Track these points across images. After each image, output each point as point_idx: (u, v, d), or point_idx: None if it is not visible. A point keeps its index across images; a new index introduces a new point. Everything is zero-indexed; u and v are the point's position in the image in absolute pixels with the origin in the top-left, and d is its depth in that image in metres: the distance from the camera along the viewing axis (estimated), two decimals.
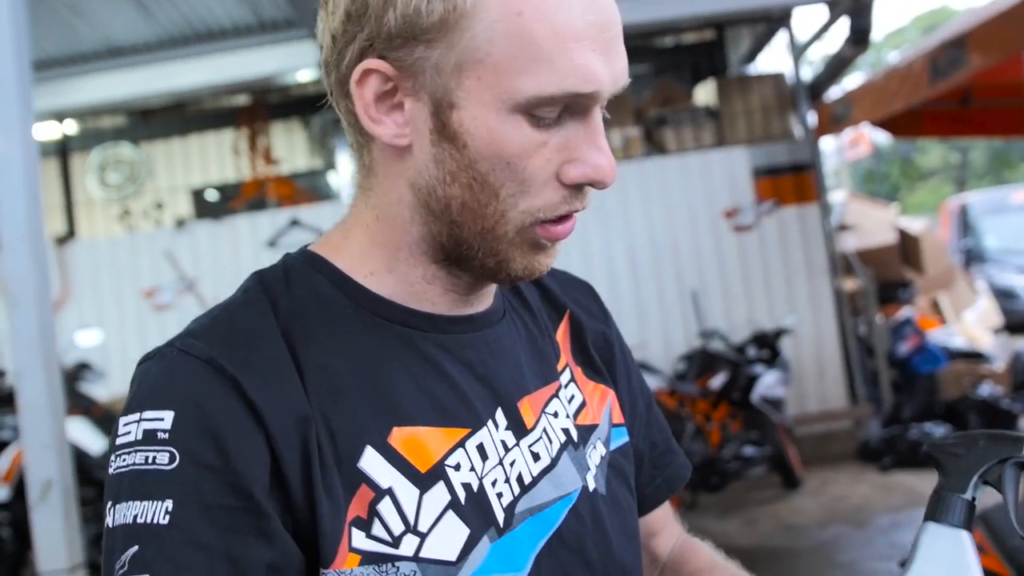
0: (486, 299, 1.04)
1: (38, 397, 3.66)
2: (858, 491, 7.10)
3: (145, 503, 0.80)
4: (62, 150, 10.28)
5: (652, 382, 6.91)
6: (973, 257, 17.18)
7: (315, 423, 0.86)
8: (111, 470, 0.84)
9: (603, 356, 1.18)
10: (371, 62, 0.89)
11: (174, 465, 0.81)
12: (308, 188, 10.35)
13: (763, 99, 8.72)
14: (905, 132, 8.12)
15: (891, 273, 10.44)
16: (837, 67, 8.49)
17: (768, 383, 7.32)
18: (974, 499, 0.89)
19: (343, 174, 9.96)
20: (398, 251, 0.97)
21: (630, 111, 8.68)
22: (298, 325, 0.91)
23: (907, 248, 11.17)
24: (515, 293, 1.11)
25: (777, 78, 8.85)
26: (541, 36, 0.83)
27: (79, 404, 6.43)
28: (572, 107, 0.88)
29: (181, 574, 0.78)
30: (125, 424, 0.84)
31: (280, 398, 0.85)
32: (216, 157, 11.26)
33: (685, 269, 8.31)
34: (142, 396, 0.85)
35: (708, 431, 7.08)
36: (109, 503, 0.83)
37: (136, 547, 0.79)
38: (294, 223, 8.46)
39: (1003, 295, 14.93)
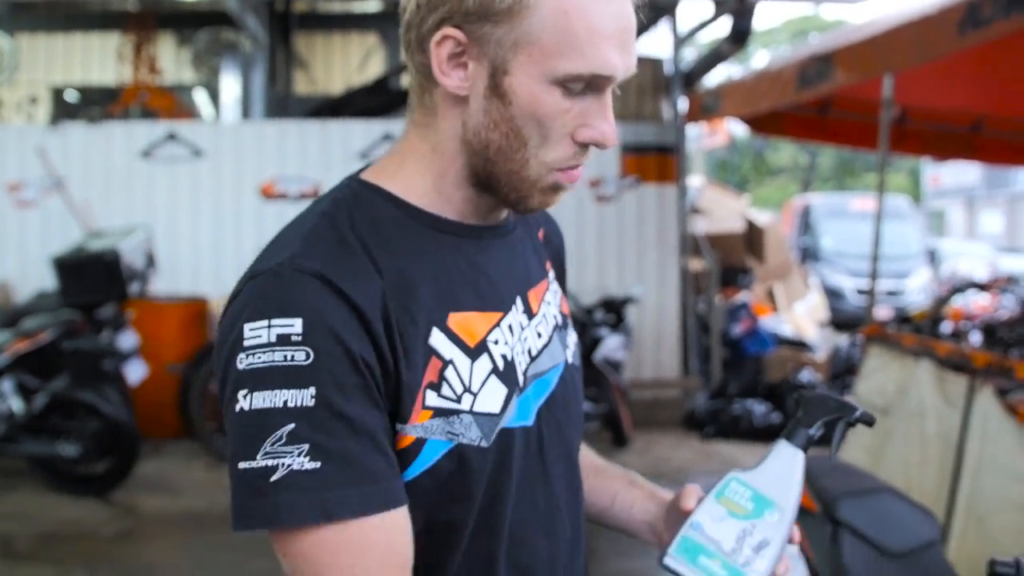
0: (503, 212, 1.30)
1: None
2: (680, 455, 7.65)
3: (292, 391, 1.03)
4: None
5: None
6: (809, 255, 18.08)
7: (395, 314, 1.11)
8: (242, 366, 1.05)
9: (560, 270, 1.50)
10: (449, 30, 1.14)
11: (310, 360, 1.04)
12: (188, 103, 10.29)
13: (640, 80, 9.13)
14: (765, 130, 8.62)
15: (734, 259, 11.01)
16: (713, 61, 8.97)
17: (611, 346, 7.78)
18: (814, 436, 1.28)
19: (226, 94, 9.95)
20: (445, 176, 1.21)
21: None
22: (371, 238, 1.15)
23: (752, 238, 11.78)
24: None
25: (655, 63, 9.29)
26: (579, 31, 1.10)
27: None
28: (592, 85, 1.13)
29: (328, 437, 1.03)
30: (253, 329, 1.06)
31: (371, 298, 1.09)
32: (99, 59, 11.06)
33: None
34: (265, 306, 1.07)
35: None
36: (244, 391, 1.04)
37: (292, 424, 1.02)
38: (171, 136, 8.47)
39: (832, 293, 15.85)
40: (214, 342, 1.15)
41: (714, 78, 9.46)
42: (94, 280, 6.38)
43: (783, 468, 1.25)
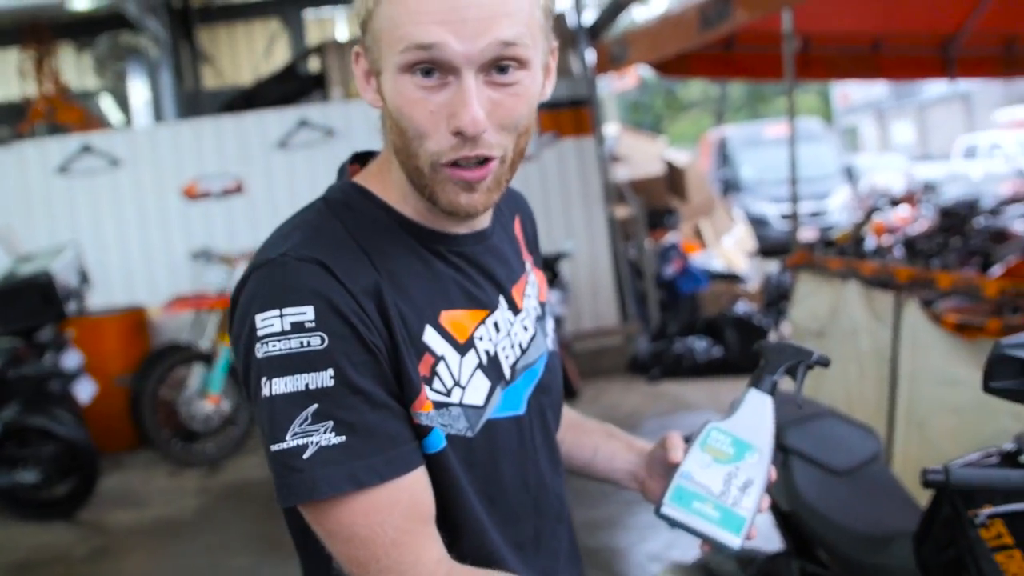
0: (485, 219, 1.36)
1: None
2: (629, 399, 7.84)
3: (312, 374, 1.12)
4: None
5: None
6: (730, 186, 18.34)
7: (391, 307, 1.19)
8: (260, 354, 1.14)
9: (535, 252, 1.58)
10: (358, 47, 1.25)
11: (325, 344, 1.12)
12: (96, 113, 10.17)
13: None
14: (674, 72, 8.71)
15: (658, 201, 11.16)
16: (615, 10, 9.07)
17: (550, 303, 7.90)
18: (778, 381, 1.41)
19: (135, 98, 9.86)
20: (405, 186, 1.26)
21: None
22: (364, 240, 1.22)
23: (673, 178, 11.95)
24: None
25: (559, 18, 9.36)
26: (403, 15, 1.13)
27: None
28: (443, 69, 1.14)
29: (349, 412, 1.13)
30: (265, 319, 1.14)
31: (368, 289, 1.17)
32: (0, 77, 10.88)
33: None
34: (275, 296, 1.15)
35: None
36: (266, 379, 1.13)
37: (315, 405, 1.12)
38: (86, 149, 8.34)
39: (757, 222, 16.11)
40: (230, 334, 1.22)
41: (621, 25, 9.55)
42: (30, 305, 6.34)
43: (756, 413, 1.38)
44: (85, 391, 6.42)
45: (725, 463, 1.34)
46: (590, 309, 9.08)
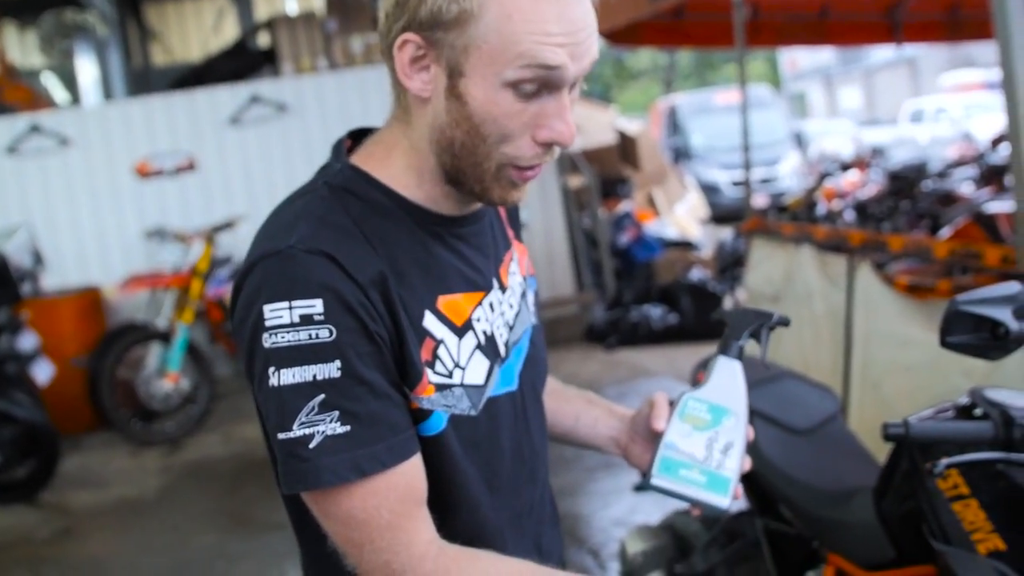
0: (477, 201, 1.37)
1: None
2: (588, 368, 7.90)
3: (320, 365, 1.14)
4: None
5: None
6: (681, 154, 18.47)
7: (394, 295, 1.21)
8: (268, 344, 1.16)
9: (516, 222, 1.58)
10: (408, 35, 1.21)
11: (333, 337, 1.14)
12: (43, 92, 10.03)
13: None
14: (625, 41, 8.73)
15: (611, 171, 11.22)
16: None
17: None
18: (744, 345, 1.46)
19: (84, 77, 9.72)
20: (423, 173, 1.29)
21: (370, 18, 8.98)
22: (367, 225, 1.24)
23: (625, 147, 12.01)
24: None
25: None
26: (523, 36, 1.15)
27: None
28: (545, 86, 1.19)
29: (354, 402, 1.16)
30: (274, 310, 1.15)
31: (374, 278, 1.19)
32: None
33: None
34: (284, 288, 1.16)
35: None
36: (273, 368, 1.16)
37: (322, 395, 1.14)
38: (34, 129, 8.26)
39: (708, 189, 16.24)
40: (232, 318, 1.24)
41: None
42: None
43: (727, 378, 1.43)
44: (43, 373, 6.38)
45: (705, 429, 1.39)
46: (546, 278, 9.09)
